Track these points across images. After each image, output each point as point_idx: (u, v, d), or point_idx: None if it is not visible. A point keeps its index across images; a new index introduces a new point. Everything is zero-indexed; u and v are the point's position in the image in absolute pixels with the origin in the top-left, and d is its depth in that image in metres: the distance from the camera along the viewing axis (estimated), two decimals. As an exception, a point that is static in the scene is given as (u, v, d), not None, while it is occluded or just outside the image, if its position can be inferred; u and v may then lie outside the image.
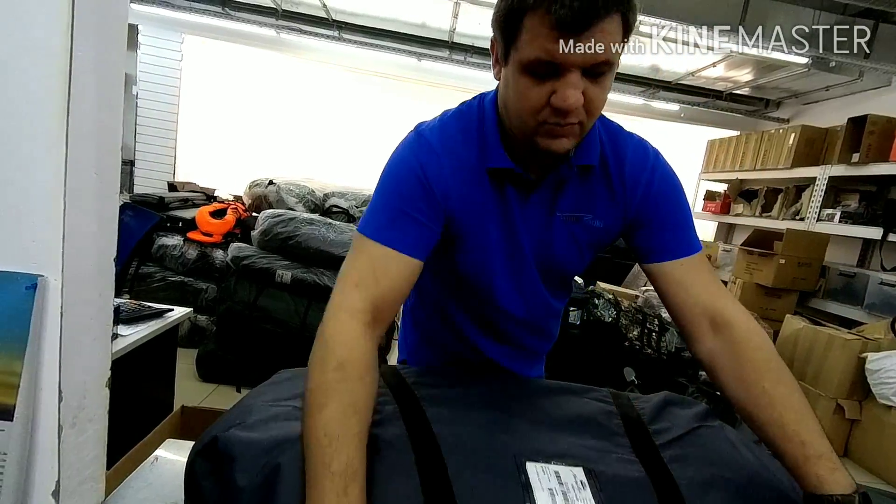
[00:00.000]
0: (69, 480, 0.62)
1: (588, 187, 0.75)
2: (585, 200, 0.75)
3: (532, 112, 0.63)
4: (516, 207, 0.74)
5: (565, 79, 0.59)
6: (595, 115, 0.64)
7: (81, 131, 0.55)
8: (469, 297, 0.84)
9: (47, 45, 0.52)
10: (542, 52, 0.58)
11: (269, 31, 4.16)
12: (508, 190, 0.74)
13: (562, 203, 0.75)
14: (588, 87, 0.60)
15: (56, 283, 0.55)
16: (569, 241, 0.77)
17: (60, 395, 0.58)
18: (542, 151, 0.66)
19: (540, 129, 0.64)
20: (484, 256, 0.77)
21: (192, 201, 3.31)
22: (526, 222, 0.75)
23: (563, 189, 0.74)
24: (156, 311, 1.36)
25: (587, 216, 0.75)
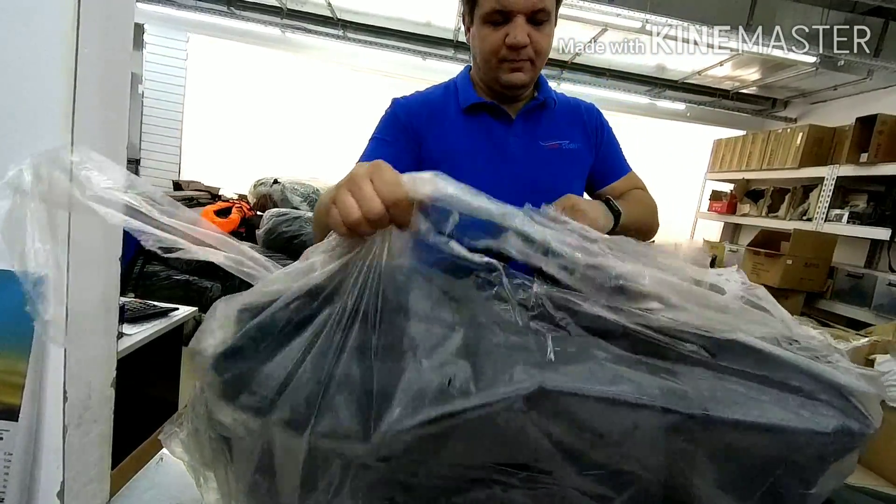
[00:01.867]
0: (74, 481, 0.62)
1: (558, 120, 0.95)
2: (559, 129, 0.95)
3: (494, 52, 0.85)
4: (502, 140, 0.91)
5: (514, 22, 0.81)
6: (542, 55, 0.86)
7: (87, 130, 0.55)
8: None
9: (53, 44, 0.51)
10: (496, 3, 0.81)
11: (274, 30, 4.16)
12: (491, 125, 0.92)
13: (541, 133, 0.93)
14: (532, 31, 0.82)
15: (61, 282, 0.55)
16: (556, 167, 0.93)
17: (65, 395, 0.57)
18: (505, 85, 0.87)
19: (501, 66, 0.86)
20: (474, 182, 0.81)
21: (197, 200, 3.32)
22: (514, 153, 0.91)
23: (537, 121, 0.93)
24: (161, 311, 1.36)
25: (564, 141, 0.94)
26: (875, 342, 2.43)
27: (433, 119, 0.91)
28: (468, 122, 0.92)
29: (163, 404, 1.51)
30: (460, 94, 0.93)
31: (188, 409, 0.52)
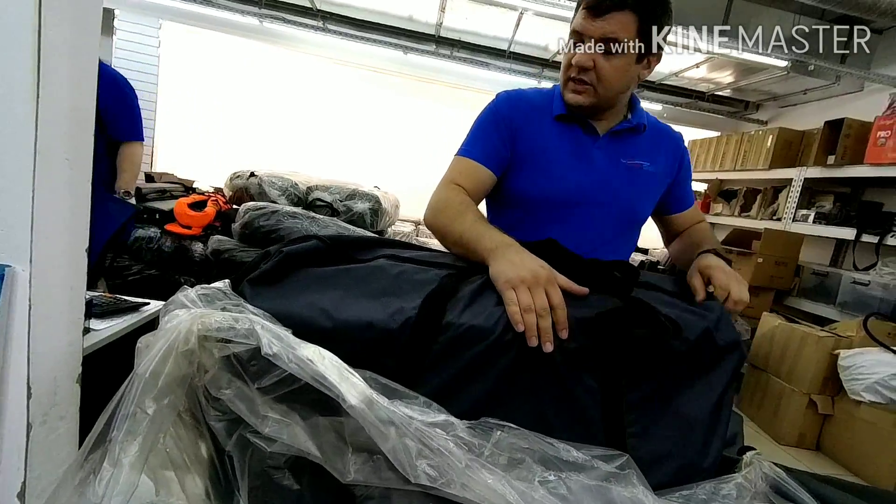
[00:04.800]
0: (38, 481, 0.59)
1: (644, 143, 1.01)
2: (642, 152, 1.00)
3: (565, 67, 0.93)
4: (587, 151, 0.98)
5: (584, 45, 0.88)
6: (604, 82, 0.89)
7: (51, 116, 0.52)
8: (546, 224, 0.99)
9: (13, 27, 0.49)
10: (576, 25, 0.88)
11: (251, 19, 4.06)
12: (579, 135, 0.98)
13: (625, 152, 0.99)
14: (598, 57, 0.87)
15: (24, 273, 0.52)
16: (633, 184, 0.99)
17: (30, 390, 0.55)
18: (565, 102, 0.95)
19: (566, 83, 0.93)
20: (559, 184, 0.96)
21: (170, 192, 3.23)
22: (597, 163, 0.97)
23: (624, 141, 1.00)
24: (131, 305, 1.32)
25: (645, 163, 1.00)
26: (839, 338, 2.53)
27: (531, 117, 0.98)
28: (560, 128, 0.98)
29: (133, 402, 1.46)
30: (556, 103, 0.98)
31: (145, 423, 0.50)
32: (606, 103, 0.94)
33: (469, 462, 0.44)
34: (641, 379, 0.59)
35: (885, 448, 2.20)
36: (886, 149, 2.76)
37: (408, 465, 0.43)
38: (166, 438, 0.53)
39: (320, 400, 0.47)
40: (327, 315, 0.54)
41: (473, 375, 0.54)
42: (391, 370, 0.52)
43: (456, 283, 0.61)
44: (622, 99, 0.97)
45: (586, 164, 0.97)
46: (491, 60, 4.42)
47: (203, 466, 0.58)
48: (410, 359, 0.53)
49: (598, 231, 0.99)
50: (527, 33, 3.92)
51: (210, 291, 0.54)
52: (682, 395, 0.61)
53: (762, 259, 3.16)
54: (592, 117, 0.97)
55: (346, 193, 3.06)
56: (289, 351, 0.47)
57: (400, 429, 0.44)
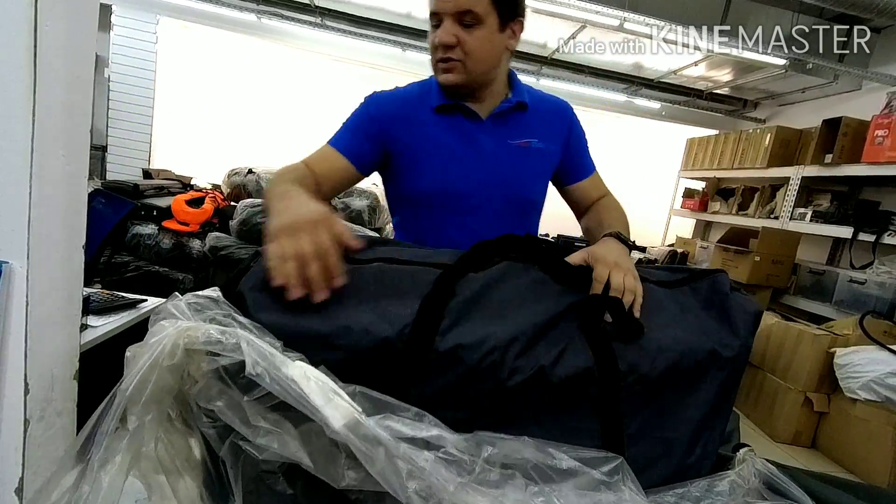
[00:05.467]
0: (35, 476, 0.60)
1: (529, 120, 0.99)
2: (529, 129, 0.98)
3: (432, 51, 0.91)
4: (472, 138, 0.95)
5: (442, 24, 0.87)
6: (472, 56, 0.88)
7: (48, 112, 0.52)
8: (440, 218, 0.97)
9: (10, 21, 0.49)
10: (430, 6, 0.88)
11: (249, 15, 4.05)
12: (462, 123, 0.95)
13: (511, 132, 0.97)
14: (460, 33, 0.86)
15: (21, 269, 0.52)
16: (523, 164, 0.97)
17: (27, 386, 0.55)
18: (441, 84, 0.92)
19: (437, 66, 0.91)
20: (446, 176, 0.95)
21: (167, 189, 3.22)
22: (484, 149, 0.95)
23: (508, 122, 0.97)
24: (129, 302, 1.32)
25: (534, 140, 0.98)
26: (835, 336, 2.54)
27: (406, 116, 0.95)
28: (441, 121, 0.95)
29: (131, 398, 1.46)
30: (433, 94, 0.96)
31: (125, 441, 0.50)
32: (480, 79, 0.92)
33: (459, 483, 0.43)
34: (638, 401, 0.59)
35: (879, 446, 2.21)
36: (884, 147, 2.76)
37: (398, 486, 0.43)
38: (157, 445, 0.53)
39: None
40: (323, 321, 0.53)
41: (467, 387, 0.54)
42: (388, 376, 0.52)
43: (452, 284, 0.60)
44: (497, 76, 0.95)
45: (473, 152, 0.95)
46: (490, 58, 4.41)
47: (196, 471, 0.58)
48: (406, 365, 0.53)
49: (493, 218, 0.97)
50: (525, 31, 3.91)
51: (201, 301, 0.53)
52: (681, 403, 0.61)
53: (759, 257, 3.17)
54: (471, 100, 0.95)
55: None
56: (273, 371, 0.46)
57: (388, 450, 0.44)
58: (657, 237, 5.28)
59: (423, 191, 0.96)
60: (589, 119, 5.33)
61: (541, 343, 0.56)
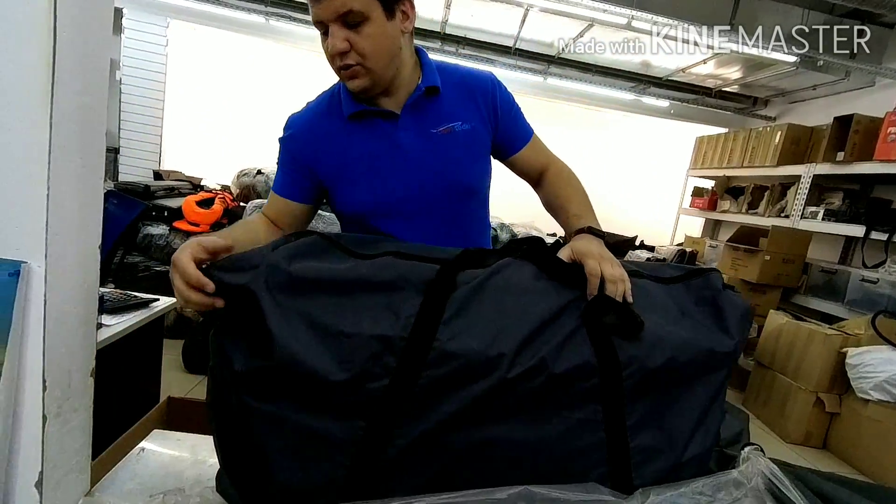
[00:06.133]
0: (53, 471, 0.61)
1: (447, 103, 0.93)
2: (449, 113, 0.93)
3: (330, 61, 0.86)
4: (391, 138, 0.91)
5: (329, 32, 0.82)
6: (369, 56, 0.83)
7: (65, 116, 0.53)
8: (386, 228, 0.95)
9: (30, 28, 0.50)
10: (314, 17, 0.82)
11: (257, 17, 4.08)
12: (378, 125, 0.91)
13: (430, 121, 0.92)
14: (350, 35, 0.81)
15: (40, 269, 0.54)
16: (451, 151, 0.93)
17: (45, 384, 0.57)
18: (353, 91, 0.88)
19: (340, 74, 0.87)
20: (376, 187, 0.92)
21: (178, 190, 3.26)
22: (405, 146, 0.91)
23: (425, 110, 0.92)
24: (141, 301, 1.34)
25: (456, 123, 0.93)
26: (847, 336, 2.51)
27: (321, 135, 0.93)
28: (355, 129, 0.91)
29: (144, 395, 1.49)
30: (344, 102, 0.92)
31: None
32: (387, 73, 0.87)
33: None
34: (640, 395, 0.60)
35: (892, 447, 2.19)
36: (896, 145, 2.73)
37: None
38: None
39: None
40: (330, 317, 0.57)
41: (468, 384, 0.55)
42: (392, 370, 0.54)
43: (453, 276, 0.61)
44: (402, 63, 0.89)
45: (397, 154, 0.91)
46: (496, 57, 4.41)
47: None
48: (409, 358, 0.54)
49: (438, 213, 0.94)
50: (532, 29, 3.91)
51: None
52: (680, 397, 0.62)
53: (769, 256, 3.14)
54: (384, 97, 0.91)
55: (351, 191, 3.07)
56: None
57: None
58: (666, 236, 5.24)
59: (358, 207, 0.93)
60: (596, 118, 5.31)
61: (543, 335, 0.57)
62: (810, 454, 2.49)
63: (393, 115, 0.91)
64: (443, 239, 0.88)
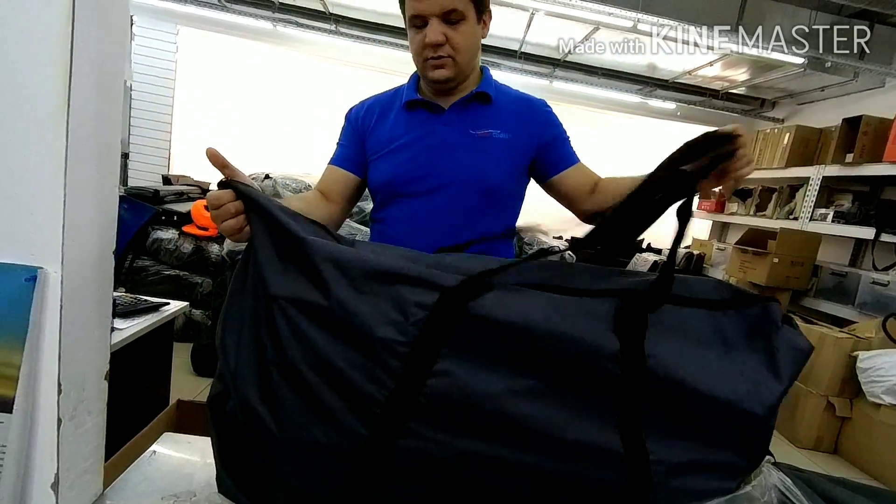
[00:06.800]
0: (68, 473, 0.62)
1: (492, 111, 1.02)
2: (493, 120, 1.01)
3: (418, 52, 0.95)
4: (432, 129, 1.00)
5: (430, 25, 0.91)
6: (460, 51, 0.94)
7: (81, 124, 0.55)
8: (405, 204, 1.02)
9: (48, 36, 0.51)
10: (413, 9, 0.91)
11: (265, 23, 4.12)
12: (425, 117, 1.01)
13: (472, 122, 1.01)
14: (448, 31, 0.92)
15: (56, 275, 0.55)
16: (485, 153, 1.00)
17: (60, 387, 0.57)
18: (432, 80, 0.97)
19: (426, 64, 0.95)
20: (403, 163, 1.00)
21: (187, 195, 3.29)
22: (444, 140, 1.00)
23: (470, 112, 1.01)
24: (152, 305, 1.36)
25: (496, 131, 1.01)
26: (858, 339, 2.49)
27: (379, 116, 1.04)
28: (406, 116, 1.03)
29: (154, 399, 1.51)
30: (404, 94, 1.04)
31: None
32: (467, 69, 0.99)
33: None
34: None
35: (905, 451, 2.16)
36: (906, 146, 2.71)
37: None
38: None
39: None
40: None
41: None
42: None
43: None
44: (475, 66, 1.02)
45: (429, 141, 1.00)
46: (502, 61, 4.42)
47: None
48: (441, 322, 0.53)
49: (457, 205, 1.00)
50: (538, 33, 3.92)
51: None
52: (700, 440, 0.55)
53: (778, 259, 3.12)
54: (445, 95, 1.02)
55: (358, 195, 3.09)
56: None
57: None
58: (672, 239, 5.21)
59: (385, 182, 1.02)
60: (601, 120, 5.30)
61: (571, 309, 0.54)
62: (821, 459, 2.46)
63: (440, 108, 1.01)
64: (454, 231, 0.97)
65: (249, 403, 0.57)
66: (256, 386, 0.58)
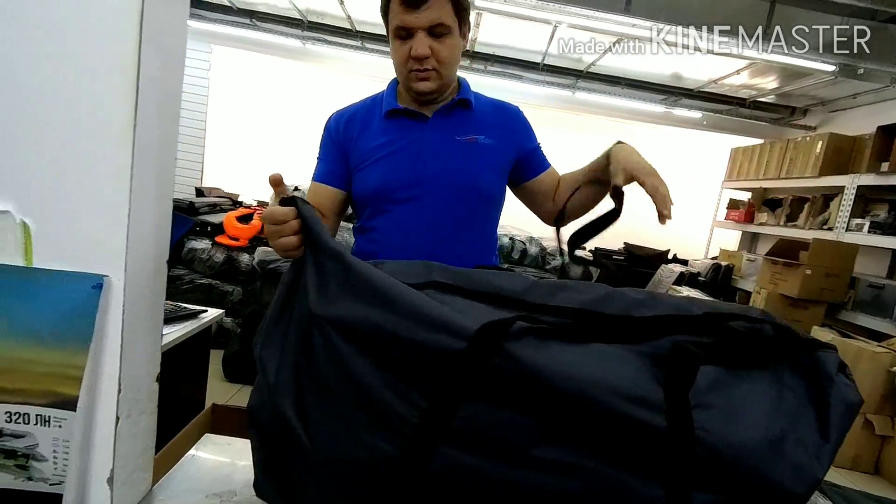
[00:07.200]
0: (122, 469, 0.66)
1: (474, 117, 1.04)
2: (476, 126, 1.03)
3: (402, 63, 0.96)
4: (418, 136, 1.01)
5: (416, 37, 0.92)
6: (444, 64, 0.96)
7: (146, 144, 0.59)
8: (393, 212, 1.02)
9: (118, 67, 0.57)
10: (399, 21, 0.92)
11: (294, 41, 4.27)
12: (408, 125, 1.02)
13: (457, 128, 1.02)
14: (433, 44, 0.93)
15: (119, 283, 0.59)
16: (470, 159, 1.01)
17: (120, 387, 0.62)
18: (416, 92, 0.98)
19: (410, 75, 0.96)
20: (390, 170, 1.01)
21: (220, 206, 3.41)
22: (429, 147, 1.01)
23: (454, 118, 1.03)
24: (191, 312, 1.42)
25: (480, 137, 1.03)
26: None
27: (359, 126, 1.04)
28: (389, 125, 1.03)
29: (191, 403, 1.56)
30: (384, 103, 1.04)
31: None
32: (450, 81, 1.01)
33: None
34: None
35: (952, 473, 2.06)
36: (947, 154, 2.61)
37: None
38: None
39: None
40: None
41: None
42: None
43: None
44: (455, 76, 1.04)
45: (417, 147, 1.00)
46: (524, 73, 4.45)
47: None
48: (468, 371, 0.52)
49: (444, 205, 1.00)
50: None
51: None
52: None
53: (811, 270, 3.03)
54: (428, 104, 1.03)
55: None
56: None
57: None
58: (699, 250, 5.12)
59: (372, 188, 1.01)
60: (624, 130, 5.27)
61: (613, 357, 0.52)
62: (860, 480, 2.36)
63: (424, 116, 1.02)
64: (443, 234, 1.00)
65: (286, 418, 0.59)
66: (293, 401, 0.60)
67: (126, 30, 0.56)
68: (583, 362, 0.51)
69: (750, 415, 0.51)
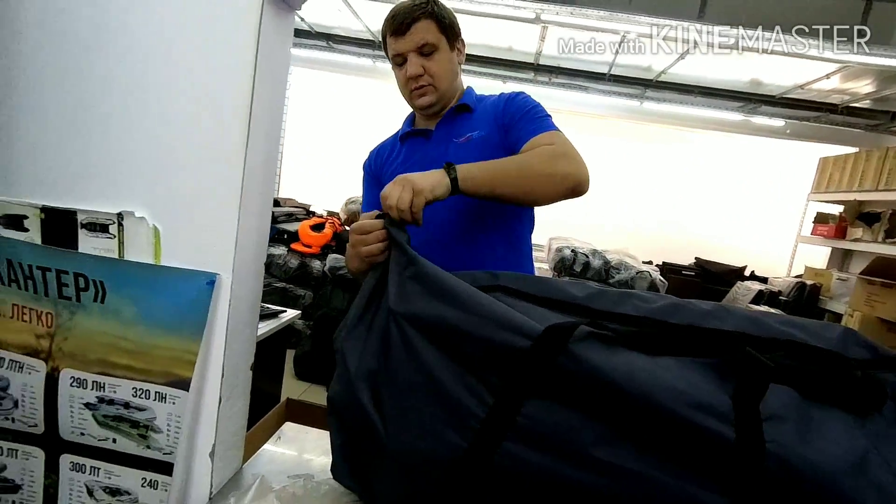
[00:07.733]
0: (221, 445, 0.75)
1: (474, 117, 1.10)
2: (472, 125, 1.08)
3: (404, 85, 1.07)
4: (422, 151, 1.10)
5: (408, 60, 1.03)
6: (438, 77, 1.04)
7: (255, 161, 0.69)
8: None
9: (235, 89, 0.66)
10: (393, 50, 1.04)
11: (366, 61, 4.50)
12: (417, 143, 1.12)
13: (455, 133, 1.08)
14: (424, 62, 1.03)
15: (227, 280, 0.69)
16: (466, 157, 0.98)
17: (223, 372, 0.71)
18: (419, 108, 1.09)
19: (411, 94, 1.07)
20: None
21: (295, 216, 3.65)
22: (433, 157, 1.07)
23: (453, 124, 1.10)
24: (273, 312, 1.55)
25: (475, 133, 1.07)
26: None
27: (385, 156, 1.16)
28: (403, 148, 1.14)
29: (268, 398, 1.69)
30: (400, 131, 1.16)
31: None
32: (449, 93, 1.08)
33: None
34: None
35: None
36: None
37: None
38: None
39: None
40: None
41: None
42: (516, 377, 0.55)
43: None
44: (457, 88, 1.11)
45: (420, 162, 1.06)
46: (590, 84, 4.40)
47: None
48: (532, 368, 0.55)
49: (457, 217, 1.03)
50: (629, 55, 3.86)
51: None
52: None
53: (915, 292, 2.73)
54: (434, 119, 1.11)
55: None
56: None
57: None
58: (781, 267, 4.74)
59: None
60: (698, 138, 5.03)
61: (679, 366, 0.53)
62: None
63: (429, 132, 1.11)
64: (460, 239, 1.03)
65: (363, 407, 0.64)
66: (370, 391, 0.65)
67: (244, 65, 0.65)
68: (648, 366, 0.52)
69: (829, 431, 0.49)
